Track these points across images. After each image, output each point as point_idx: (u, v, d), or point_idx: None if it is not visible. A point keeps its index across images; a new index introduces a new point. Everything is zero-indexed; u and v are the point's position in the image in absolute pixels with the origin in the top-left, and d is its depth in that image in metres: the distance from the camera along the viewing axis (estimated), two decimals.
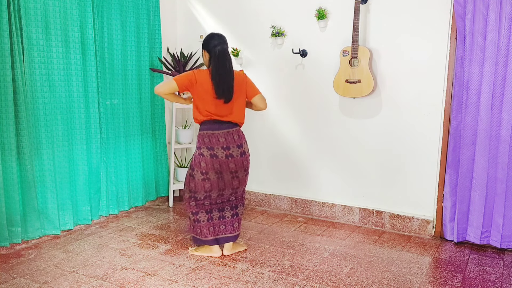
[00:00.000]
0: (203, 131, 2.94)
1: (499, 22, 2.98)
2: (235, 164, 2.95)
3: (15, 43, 3.08)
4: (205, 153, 2.90)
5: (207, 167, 2.91)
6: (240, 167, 2.98)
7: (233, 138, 2.94)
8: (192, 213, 3.05)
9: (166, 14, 4.49)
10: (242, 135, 3.01)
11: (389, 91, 3.56)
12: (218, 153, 2.90)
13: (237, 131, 2.98)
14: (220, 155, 2.90)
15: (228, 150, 2.91)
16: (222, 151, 2.90)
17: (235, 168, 2.96)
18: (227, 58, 2.88)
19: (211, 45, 2.90)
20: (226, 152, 2.91)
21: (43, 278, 2.74)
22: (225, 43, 2.93)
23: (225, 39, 2.96)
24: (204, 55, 2.98)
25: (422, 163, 3.50)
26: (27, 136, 3.21)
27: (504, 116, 3.04)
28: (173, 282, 2.69)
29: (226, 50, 2.90)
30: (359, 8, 3.39)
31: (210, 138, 2.91)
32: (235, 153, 2.93)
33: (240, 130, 3.01)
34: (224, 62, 2.86)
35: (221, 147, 2.90)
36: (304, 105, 3.98)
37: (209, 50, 2.92)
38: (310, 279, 2.75)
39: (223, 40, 2.92)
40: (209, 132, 2.91)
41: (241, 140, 2.98)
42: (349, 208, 3.84)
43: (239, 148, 2.95)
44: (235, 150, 2.93)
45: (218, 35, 2.95)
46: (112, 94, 3.91)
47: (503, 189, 3.10)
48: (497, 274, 2.85)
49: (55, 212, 3.45)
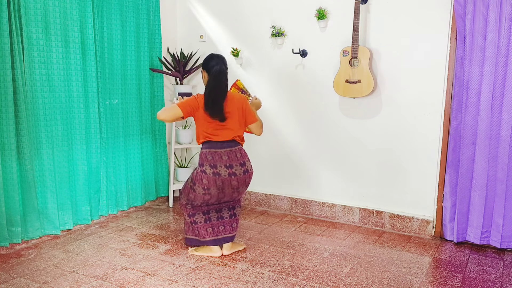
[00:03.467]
0: (205, 149, 2.95)
1: (499, 22, 2.98)
2: (238, 182, 2.95)
3: (15, 43, 3.08)
4: (208, 171, 2.89)
5: (209, 184, 2.91)
6: (242, 184, 2.99)
7: (235, 156, 2.94)
8: (189, 215, 3.06)
9: (166, 14, 4.49)
10: (244, 153, 3.02)
11: (389, 91, 3.56)
12: (221, 172, 2.89)
13: (239, 149, 2.99)
14: (223, 173, 2.89)
15: (231, 168, 2.91)
16: (225, 170, 2.90)
17: (237, 185, 2.97)
18: (223, 79, 2.92)
19: (210, 66, 2.95)
20: (229, 170, 2.91)
21: (43, 278, 2.74)
22: (224, 64, 2.98)
23: (224, 60, 3.01)
24: (203, 76, 3.03)
25: (422, 163, 3.50)
26: (27, 136, 3.21)
27: (504, 116, 3.04)
28: (173, 282, 2.69)
29: (224, 71, 2.94)
30: (359, 8, 3.39)
31: (213, 156, 2.91)
32: (238, 172, 2.93)
33: (242, 149, 3.02)
34: (220, 82, 2.90)
35: (224, 165, 2.90)
36: (304, 105, 3.98)
37: (208, 70, 2.97)
38: (310, 279, 2.75)
39: (221, 61, 2.97)
40: (211, 150, 2.92)
41: (244, 158, 2.99)
42: (349, 208, 3.84)
43: (242, 166, 2.95)
44: (238, 168, 2.93)
45: (218, 56, 3.01)
46: (112, 94, 3.90)
47: (503, 189, 3.10)
48: (497, 274, 2.85)
49: (55, 212, 3.44)
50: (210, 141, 2.95)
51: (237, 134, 2.98)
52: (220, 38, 4.35)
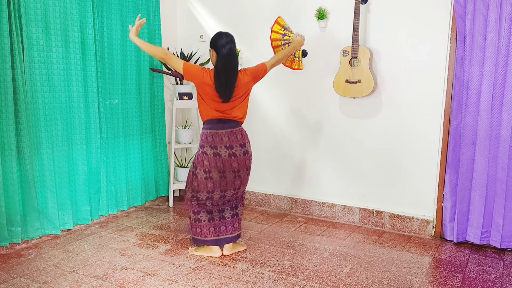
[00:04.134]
0: (206, 130, 2.94)
1: (499, 22, 2.98)
2: (238, 163, 2.95)
3: (15, 43, 3.08)
4: (208, 152, 2.91)
5: (210, 165, 2.91)
6: (243, 166, 2.98)
7: (236, 137, 2.94)
8: (194, 212, 3.05)
9: (166, 14, 4.49)
10: (245, 134, 3.01)
11: (389, 91, 3.56)
12: (221, 152, 2.90)
13: (240, 130, 2.98)
14: (223, 154, 2.90)
15: (231, 149, 2.91)
16: (225, 150, 2.90)
17: (238, 167, 2.96)
18: (234, 59, 2.86)
19: (219, 44, 2.86)
20: (229, 151, 2.91)
21: (43, 278, 2.74)
22: (233, 42, 2.90)
23: (233, 39, 2.92)
24: (212, 54, 2.94)
25: (422, 163, 3.50)
26: (27, 136, 3.20)
27: (504, 116, 3.04)
28: (173, 282, 2.69)
29: (234, 50, 2.87)
30: (359, 8, 3.39)
31: (213, 137, 2.91)
32: (238, 152, 2.93)
33: (243, 130, 3.01)
34: (230, 63, 2.83)
35: (224, 146, 2.90)
36: (304, 105, 3.98)
37: (216, 49, 2.88)
38: (310, 279, 2.75)
39: (231, 40, 2.89)
40: (212, 131, 2.92)
41: (244, 140, 2.98)
42: (349, 208, 3.84)
43: (242, 147, 2.95)
44: (238, 149, 2.93)
45: (226, 34, 2.92)
46: (112, 94, 3.90)
47: (503, 189, 3.10)
48: (497, 274, 2.85)
49: (55, 212, 3.44)
50: (212, 120, 2.93)
51: (239, 114, 2.96)
52: None
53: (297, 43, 3.26)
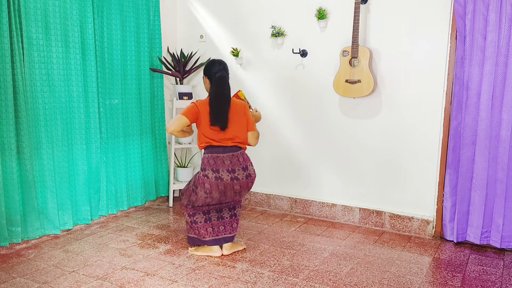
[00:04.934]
0: (208, 154, 2.94)
1: (499, 22, 2.98)
2: (240, 186, 2.95)
3: (15, 43, 3.08)
4: (210, 175, 2.89)
5: (211, 188, 2.91)
6: (245, 188, 2.99)
7: (238, 161, 2.94)
8: (189, 215, 3.06)
9: (166, 14, 4.49)
10: (247, 157, 3.01)
11: (389, 91, 3.56)
12: (223, 176, 2.89)
13: (241, 153, 2.98)
14: (225, 178, 2.89)
15: (234, 173, 2.91)
16: (228, 174, 2.89)
17: (240, 189, 2.97)
18: (226, 85, 2.91)
19: (211, 72, 2.94)
20: (232, 175, 2.90)
21: (43, 278, 2.74)
22: (225, 70, 2.97)
23: (226, 66, 2.99)
24: (205, 81, 3.02)
25: (422, 163, 3.50)
26: (27, 136, 3.21)
27: (504, 116, 3.04)
28: (173, 282, 2.69)
29: (226, 77, 2.93)
30: (359, 8, 3.39)
31: (215, 160, 2.90)
32: (241, 176, 2.93)
33: (244, 153, 3.01)
34: (223, 89, 2.89)
35: (226, 169, 2.89)
36: (304, 105, 3.98)
37: (209, 76, 2.95)
38: (310, 279, 2.75)
39: (223, 67, 2.96)
40: (214, 155, 2.91)
41: (246, 163, 2.98)
42: (349, 208, 3.85)
43: (244, 170, 2.95)
44: (240, 173, 2.93)
45: (219, 61, 2.99)
46: (112, 94, 3.90)
47: (503, 189, 3.10)
48: (497, 274, 2.85)
49: (55, 212, 3.44)
50: (212, 146, 2.94)
51: (239, 139, 2.97)
52: (220, 38, 4.35)
53: (256, 119, 3.24)
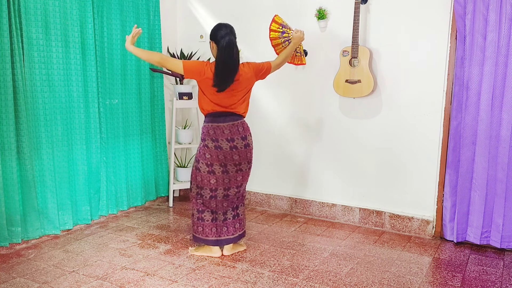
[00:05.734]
0: (208, 123, 2.95)
1: (499, 22, 2.98)
2: (239, 156, 2.95)
3: (15, 43, 3.08)
4: (210, 145, 2.91)
5: (212, 158, 2.92)
6: (244, 158, 2.98)
7: (237, 130, 2.94)
8: (198, 210, 3.05)
9: (166, 14, 4.49)
10: (247, 127, 3.01)
11: (389, 91, 3.56)
12: (222, 145, 2.90)
13: (241, 123, 2.98)
14: (225, 146, 2.91)
15: (233, 142, 2.92)
16: (227, 143, 2.91)
17: (239, 159, 2.96)
18: (234, 49, 2.83)
19: (218, 36, 2.85)
20: (231, 144, 2.91)
21: (43, 278, 2.74)
22: (233, 33, 2.89)
23: (233, 30, 2.91)
24: (212, 46, 2.94)
25: (422, 163, 3.50)
26: (27, 136, 3.20)
27: (504, 116, 3.04)
28: (173, 282, 2.69)
29: (234, 42, 2.84)
30: (359, 8, 3.39)
31: (215, 130, 2.91)
32: (239, 145, 2.94)
33: (245, 122, 3.01)
34: (231, 54, 2.81)
35: (225, 139, 2.91)
36: (304, 105, 3.98)
37: (216, 41, 2.86)
38: (310, 279, 2.75)
39: (230, 31, 2.87)
40: (214, 125, 2.92)
41: (246, 132, 2.98)
42: (349, 208, 3.85)
43: (243, 140, 2.95)
44: (239, 142, 2.94)
45: (226, 25, 2.90)
46: (112, 94, 3.90)
47: (503, 189, 3.10)
48: (497, 274, 2.85)
49: (55, 212, 3.44)
50: (214, 113, 2.93)
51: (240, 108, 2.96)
52: None
53: (298, 39, 3.25)
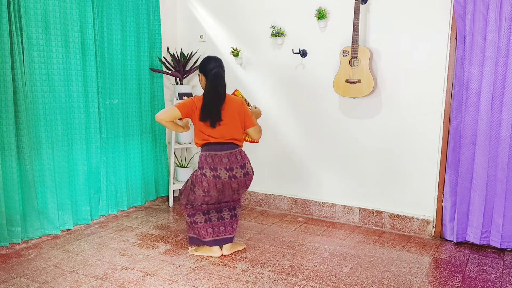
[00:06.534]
0: (205, 151, 2.94)
1: (499, 22, 2.98)
2: (238, 184, 2.95)
3: (15, 43, 3.08)
4: (208, 174, 2.88)
5: (209, 186, 2.91)
6: (243, 186, 2.99)
7: (236, 159, 2.93)
8: (189, 215, 3.06)
9: (166, 14, 4.49)
10: (244, 155, 3.01)
11: (389, 91, 3.56)
12: (221, 174, 2.88)
13: (239, 151, 2.98)
14: (223, 176, 2.89)
15: (232, 171, 2.90)
16: (225, 172, 2.89)
17: (238, 188, 2.97)
18: (221, 82, 2.90)
19: (207, 69, 2.94)
20: (230, 173, 2.90)
21: (43, 278, 2.74)
22: (221, 66, 2.97)
23: (221, 63, 2.99)
24: (201, 79, 3.02)
25: (422, 163, 3.50)
26: (27, 136, 3.21)
27: (504, 117, 3.04)
28: (173, 282, 2.69)
29: (221, 74, 2.92)
30: (359, 8, 3.39)
31: (213, 159, 2.90)
32: (239, 174, 2.93)
33: (242, 151, 3.01)
34: (217, 86, 2.88)
35: (224, 168, 2.89)
36: (304, 105, 3.98)
37: (205, 73, 2.95)
38: (310, 279, 2.75)
39: (219, 64, 2.96)
40: (211, 153, 2.91)
41: (244, 160, 2.98)
42: (349, 208, 3.85)
43: (242, 168, 2.95)
44: (238, 171, 2.93)
45: (215, 58, 2.99)
46: (112, 94, 3.91)
47: (503, 189, 3.10)
48: (497, 274, 2.85)
49: (54, 212, 3.44)
50: (210, 143, 2.93)
51: (235, 136, 2.96)
52: (220, 38, 4.35)
53: (256, 115, 3.25)
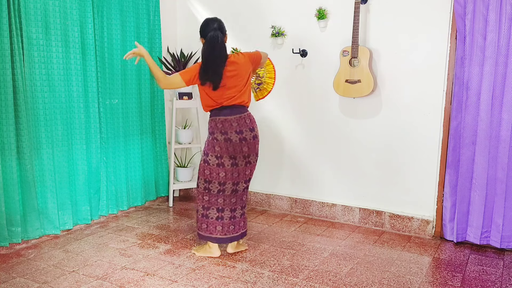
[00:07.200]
0: (215, 116, 2.95)
1: (499, 22, 2.98)
2: (248, 147, 2.96)
3: (15, 43, 3.08)
4: (219, 137, 2.92)
5: (222, 150, 2.92)
6: (253, 150, 2.99)
7: (245, 122, 2.95)
8: (203, 207, 3.03)
9: (166, 14, 4.49)
10: (253, 119, 3.03)
11: (389, 91, 3.56)
12: (232, 137, 2.91)
13: (248, 115, 2.99)
14: (234, 139, 2.91)
15: (242, 134, 2.93)
16: (236, 135, 2.92)
17: (248, 151, 2.97)
18: (216, 45, 2.83)
19: (205, 32, 2.89)
20: (240, 136, 2.92)
21: (43, 278, 2.74)
22: (220, 28, 2.89)
23: (221, 24, 2.92)
24: (202, 43, 2.96)
25: (422, 163, 3.50)
26: (27, 136, 3.21)
27: (504, 116, 3.04)
28: (173, 282, 2.69)
29: (217, 37, 2.84)
30: (359, 8, 3.39)
31: (223, 123, 2.92)
32: (248, 137, 2.95)
33: (250, 114, 3.02)
34: (212, 48, 2.83)
35: (234, 131, 2.92)
36: (304, 105, 3.98)
37: (204, 37, 2.91)
38: (310, 279, 2.75)
39: (218, 25, 2.89)
40: (221, 118, 2.92)
41: (253, 124, 3.00)
42: (349, 208, 3.85)
43: (251, 131, 2.97)
44: (248, 133, 2.95)
45: (213, 20, 2.92)
46: (112, 94, 3.90)
47: (503, 189, 3.10)
48: (497, 274, 2.85)
49: (54, 212, 3.44)
50: (218, 108, 2.93)
51: (242, 98, 2.95)
52: None
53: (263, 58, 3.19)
